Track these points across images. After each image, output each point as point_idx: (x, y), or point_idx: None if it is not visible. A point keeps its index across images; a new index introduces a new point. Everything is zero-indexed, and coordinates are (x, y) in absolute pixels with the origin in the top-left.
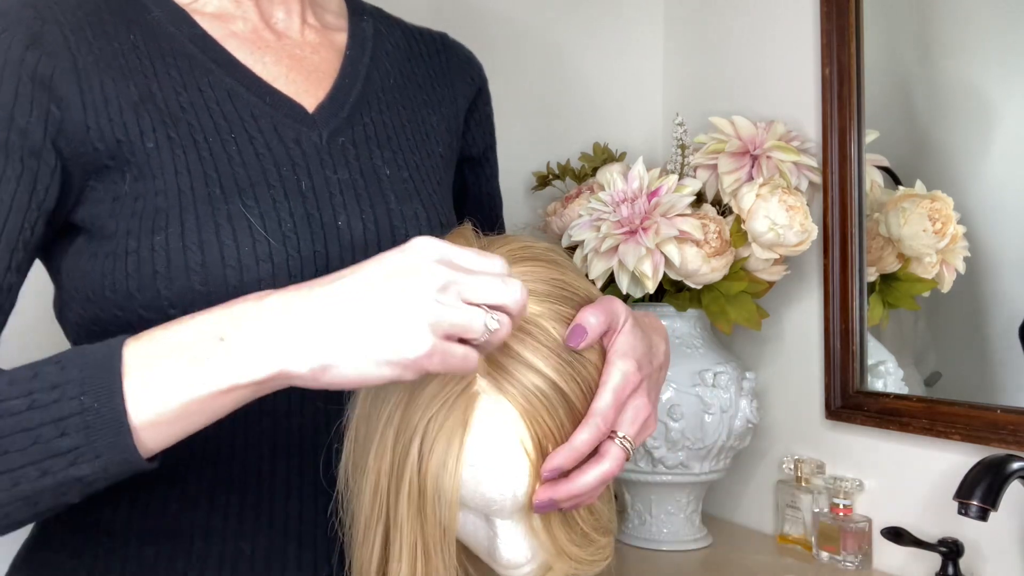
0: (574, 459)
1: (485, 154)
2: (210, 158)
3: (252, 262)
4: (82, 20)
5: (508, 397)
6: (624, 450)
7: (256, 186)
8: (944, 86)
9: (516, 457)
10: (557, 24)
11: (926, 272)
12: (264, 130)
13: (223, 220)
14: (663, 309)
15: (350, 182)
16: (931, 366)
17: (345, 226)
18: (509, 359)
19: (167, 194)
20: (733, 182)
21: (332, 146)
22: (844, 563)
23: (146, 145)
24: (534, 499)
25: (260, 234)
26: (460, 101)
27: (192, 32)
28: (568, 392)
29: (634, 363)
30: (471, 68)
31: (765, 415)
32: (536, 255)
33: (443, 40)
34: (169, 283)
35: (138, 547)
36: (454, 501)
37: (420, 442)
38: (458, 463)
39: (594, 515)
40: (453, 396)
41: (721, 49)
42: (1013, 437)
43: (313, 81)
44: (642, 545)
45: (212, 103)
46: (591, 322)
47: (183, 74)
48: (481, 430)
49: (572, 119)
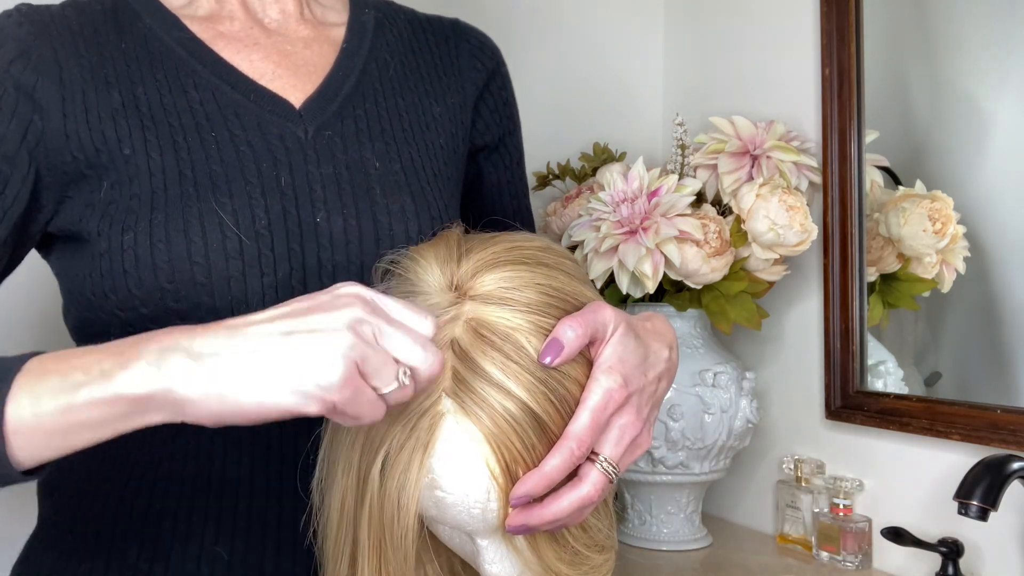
0: (545, 486)
1: (502, 140)
2: (187, 157)
3: (221, 259)
4: (76, 33)
5: (473, 419)
6: (605, 474)
7: (232, 183)
8: (944, 86)
9: (481, 481)
10: (557, 24)
11: (926, 272)
12: (247, 127)
13: (192, 217)
14: (663, 309)
15: (333, 177)
16: (931, 366)
17: (324, 223)
18: (477, 378)
19: (140, 196)
20: (733, 182)
21: (318, 141)
22: (844, 563)
23: (123, 152)
24: (507, 524)
25: (231, 230)
26: (468, 89)
27: (180, 36)
28: (540, 414)
29: (619, 377)
30: (482, 54)
31: (765, 415)
32: (522, 258)
33: (454, 27)
34: (139, 282)
35: (122, 548)
36: (411, 524)
37: (382, 462)
38: (417, 484)
39: (587, 532)
40: (416, 416)
41: (721, 49)
42: (1013, 437)
43: (302, 76)
44: (642, 545)
45: (196, 103)
46: (568, 335)
47: (168, 77)
48: (445, 452)
49: (572, 119)
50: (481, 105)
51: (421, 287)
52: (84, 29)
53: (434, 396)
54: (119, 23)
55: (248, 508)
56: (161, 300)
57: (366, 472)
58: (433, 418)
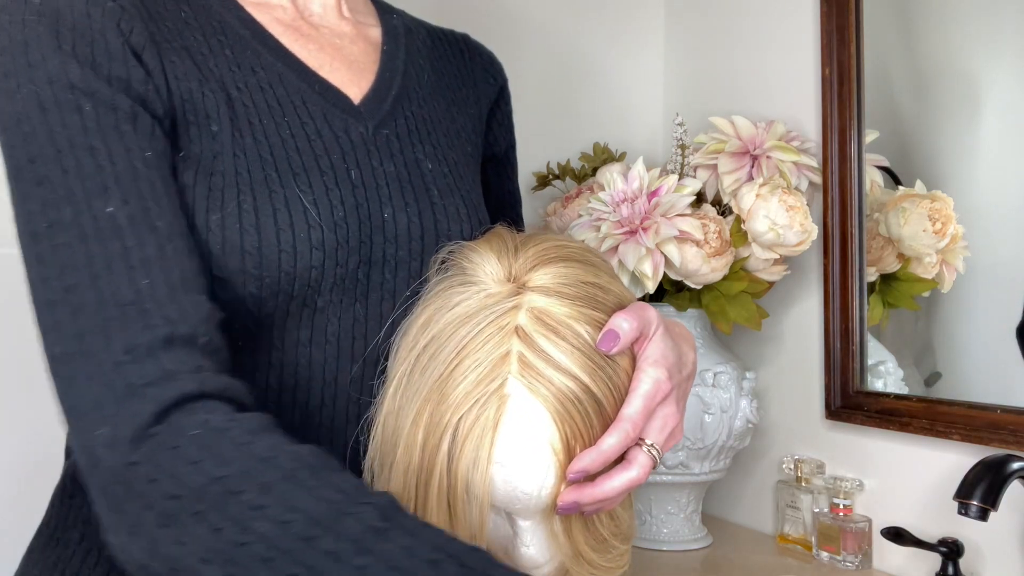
0: (601, 463)
1: (507, 153)
2: (264, 141)
3: (306, 248)
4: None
5: (539, 398)
6: (652, 458)
7: (309, 172)
8: (944, 86)
9: (544, 457)
10: (557, 24)
11: (926, 272)
12: (315, 117)
13: (280, 204)
14: (663, 309)
15: (395, 175)
16: (931, 366)
17: (391, 218)
18: (541, 361)
19: (224, 174)
20: (733, 182)
21: (377, 138)
22: (844, 563)
23: (211, 128)
24: (559, 500)
25: (315, 220)
26: (483, 101)
27: (240, 15)
28: (599, 395)
29: (665, 371)
30: (492, 68)
31: (765, 415)
32: (569, 255)
33: (466, 41)
34: (223, 265)
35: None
36: (484, 500)
37: (451, 440)
38: (488, 462)
39: (615, 521)
40: (485, 396)
41: (721, 49)
42: (1013, 437)
43: (355, 72)
44: (642, 545)
45: (265, 84)
46: (624, 327)
47: (236, 53)
48: (511, 429)
49: (572, 119)
50: (492, 118)
51: (479, 277)
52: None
53: (500, 379)
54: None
55: None
56: (243, 285)
57: (433, 450)
58: (500, 399)
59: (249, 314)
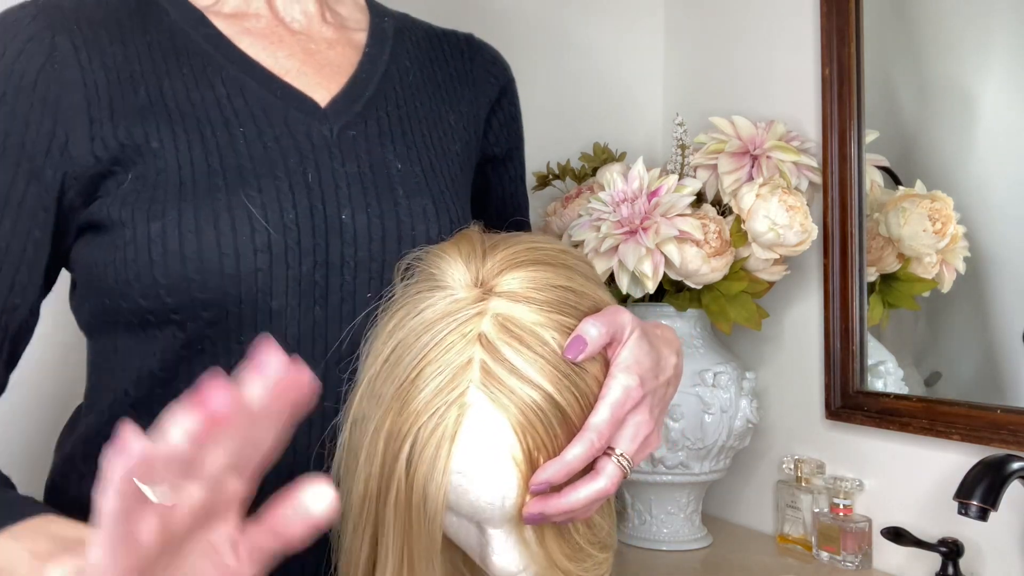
0: (565, 474)
1: (509, 154)
2: (215, 150)
3: (249, 251)
4: (98, 25)
5: (500, 408)
6: (621, 468)
7: (261, 177)
8: (945, 86)
9: (505, 467)
10: (557, 24)
11: (926, 272)
12: (274, 123)
13: (222, 209)
14: (663, 309)
15: (358, 175)
16: (931, 366)
17: (349, 220)
18: (504, 370)
19: (167, 187)
20: (733, 182)
21: (342, 139)
22: (844, 563)
23: (151, 145)
24: (523, 512)
25: (260, 224)
26: (482, 101)
27: (206, 32)
28: (564, 405)
29: (636, 377)
30: (495, 68)
31: (765, 415)
32: (542, 258)
33: (468, 41)
34: (165, 271)
35: None
36: (439, 511)
37: (409, 449)
38: (445, 472)
39: (592, 529)
40: (445, 405)
41: (721, 49)
42: (1013, 437)
43: (326, 75)
44: (642, 545)
45: (223, 98)
46: (592, 333)
47: (195, 72)
48: (470, 439)
49: (572, 119)
50: (492, 117)
51: (445, 282)
52: (108, 22)
53: (461, 388)
54: (144, 18)
55: (260, 498)
56: (187, 290)
57: (392, 458)
58: (460, 408)
59: (202, 318)
